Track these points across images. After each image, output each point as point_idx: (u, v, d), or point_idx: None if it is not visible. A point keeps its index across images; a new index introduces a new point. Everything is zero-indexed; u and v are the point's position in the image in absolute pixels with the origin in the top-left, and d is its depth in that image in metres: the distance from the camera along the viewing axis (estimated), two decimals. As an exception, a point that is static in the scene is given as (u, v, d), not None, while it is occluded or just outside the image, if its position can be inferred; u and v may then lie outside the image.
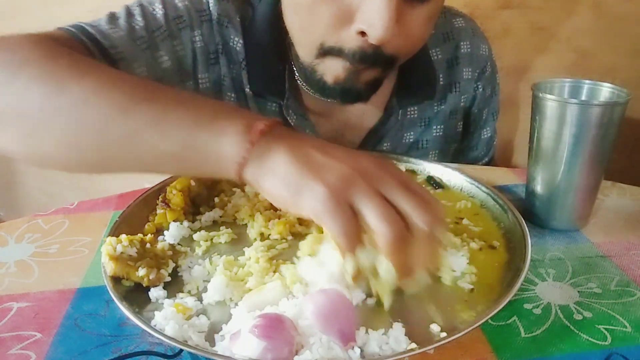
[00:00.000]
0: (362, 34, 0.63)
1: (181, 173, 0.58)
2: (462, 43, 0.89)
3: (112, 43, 0.69)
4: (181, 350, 0.46)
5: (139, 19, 0.73)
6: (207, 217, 0.64)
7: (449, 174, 0.73)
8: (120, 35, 0.70)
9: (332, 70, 0.69)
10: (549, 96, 0.62)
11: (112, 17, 0.73)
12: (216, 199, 0.66)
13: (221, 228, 0.61)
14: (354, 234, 0.45)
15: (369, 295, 0.50)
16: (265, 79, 0.80)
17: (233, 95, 0.81)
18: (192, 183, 0.65)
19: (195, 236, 0.60)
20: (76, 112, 0.52)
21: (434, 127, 0.90)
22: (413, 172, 0.75)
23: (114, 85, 0.53)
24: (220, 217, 0.64)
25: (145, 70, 0.71)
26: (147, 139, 0.50)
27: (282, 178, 0.47)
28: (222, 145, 0.48)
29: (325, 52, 0.67)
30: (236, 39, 0.78)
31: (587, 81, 0.67)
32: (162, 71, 0.73)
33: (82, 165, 0.58)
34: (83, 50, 0.66)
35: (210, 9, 0.77)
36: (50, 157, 0.56)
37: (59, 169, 0.59)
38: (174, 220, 0.62)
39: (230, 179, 0.52)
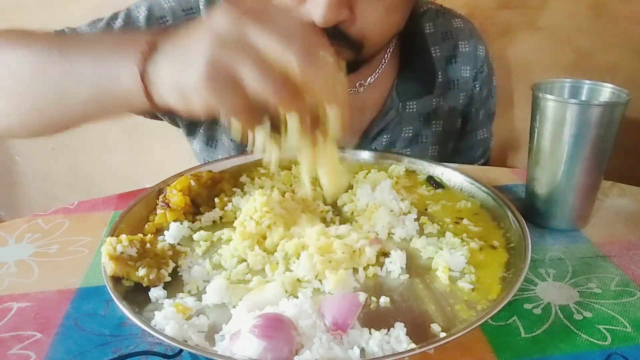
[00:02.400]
0: None
1: (112, 113, 0.59)
2: (460, 43, 0.91)
3: None
4: (181, 350, 0.46)
5: (119, 21, 0.76)
6: (207, 217, 0.64)
7: (449, 174, 0.73)
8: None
9: None
10: (549, 96, 0.62)
11: (96, 21, 0.76)
12: (216, 199, 0.66)
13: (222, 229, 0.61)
14: (241, 105, 0.45)
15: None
16: None
17: None
18: (192, 183, 0.65)
19: (195, 236, 0.60)
20: (8, 78, 0.57)
21: (434, 122, 0.91)
22: (413, 172, 0.75)
23: (32, 43, 0.57)
24: (221, 217, 0.64)
25: None
26: (66, 89, 0.54)
27: (169, 86, 0.47)
28: (122, 78, 0.50)
29: None
30: None
31: (587, 81, 0.67)
32: None
33: (27, 126, 0.62)
34: None
35: (200, 7, 0.79)
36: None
37: (14, 136, 0.65)
38: (174, 220, 0.62)
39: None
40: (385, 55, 0.86)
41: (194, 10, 0.79)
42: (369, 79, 0.86)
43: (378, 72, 0.86)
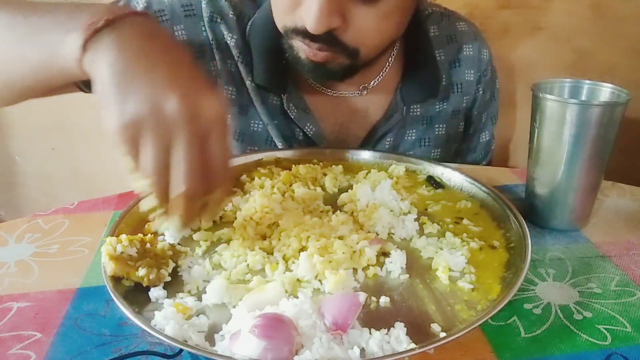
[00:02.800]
0: None
1: (55, 79, 0.58)
2: (464, 46, 0.91)
3: None
4: (181, 350, 0.46)
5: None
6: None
7: (449, 174, 0.73)
8: None
9: (300, 47, 0.72)
10: (549, 96, 0.62)
11: None
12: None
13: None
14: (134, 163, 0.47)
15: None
16: (267, 73, 0.81)
17: (232, 88, 0.83)
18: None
19: (195, 236, 0.60)
20: None
21: (437, 125, 0.91)
22: (413, 172, 0.75)
23: (8, 6, 0.58)
24: (220, 217, 0.64)
25: None
26: (26, 51, 0.55)
27: (101, 87, 0.47)
28: (66, 43, 0.50)
29: (288, 32, 0.71)
30: (230, 34, 0.80)
31: (587, 81, 0.67)
32: None
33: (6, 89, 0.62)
34: None
35: (202, 6, 0.80)
36: None
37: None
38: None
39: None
40: (389, 59, 0.86)
41: (194, 7, 0.79)
42: (373, 82, 0.85)
43: (382, 75, 0.85)
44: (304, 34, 0.69)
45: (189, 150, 0.45)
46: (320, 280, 0.52)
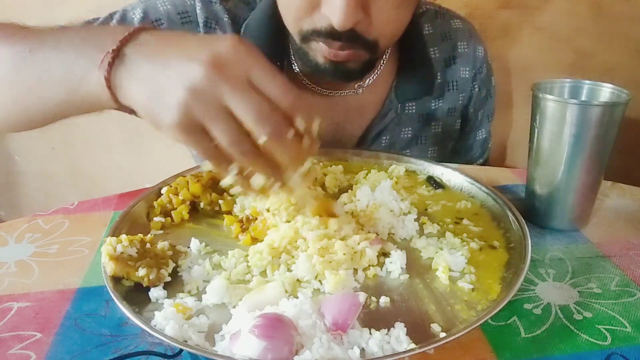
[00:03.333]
0: None
1: (84, 111, 0.58)
2: (459, 43, 0.91)
3: None
4: (181, 350, 0.46)
5: (114, 22, 0.76)
6: (207, 216, 0.64)
7: (449, 174, 0.73)
8: None
9: (319, 50, 0.72)
10: (549, 96, 0.62)
11: (91, 21, 0.77)
12: (220, 201, 0.65)
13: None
14: (213, 151, 0.47)
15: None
16: None
17: None
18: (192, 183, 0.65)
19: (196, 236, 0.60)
20: None
21: (433, 123, 0.91)
22: (413, 172, 0.75)
23: (14, 39, 0.58)
24: (220, 217, 0.64)
25: None
26: (44, 83, 0.54)
27: (140, 106, 0.48)
28: (89, 80, 0.50)
29: (306, 35, 0.71)
30: None
31: (587, 81, 0.67)
32: None
33: (7, 122, 0.62)
34: None
35: (197, 12, 0.80)
36: None
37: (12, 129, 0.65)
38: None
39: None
40: (384, 57, 0.86)
41: (190, 14, 0.79)
42: (368, 80, 0.86)
43: (376, 73, 0.86)
44: (325, 34, 0.68)
45: (244, 98, 0.45)
46: (320, 281, 0.52)
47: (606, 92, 0.65)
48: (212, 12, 0.80)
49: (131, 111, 0.51)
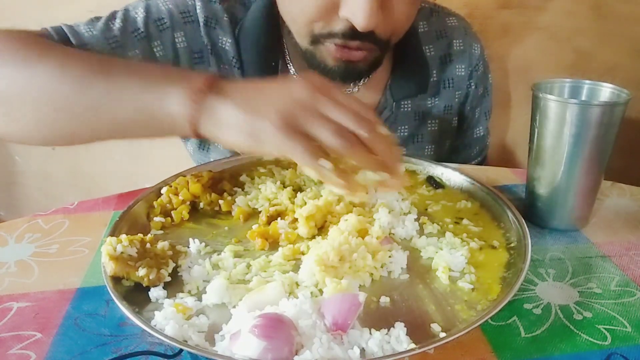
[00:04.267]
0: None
1: (147, 135, 0.62)
2: (454, 41, 0.91)
3: (81, 41, 0.72)
4: (181, 350, 0.46)
5: (117, 21, 0.76)
6: (208, 216, 0.64)
7: (449, 174, 0.73)
8: (92, 34, 0.74)
9: (330, 52, 0.72)
10: (549, 96, 0.62)
11: (94, 20, 0.77)
12: (221, 201, 0.65)
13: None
14: (313, 149, 0.50)
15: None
16: (258, 75, 0.82)
17: None
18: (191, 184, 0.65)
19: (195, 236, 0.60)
20: (43, 89, 0.59)
21: (429, 121, 0.91)
22: (413, 172, 0.75)
23: (75, 61, 0.60)
24: (221, 217, 0.64)
25: None
26: (107, 108, 0.57)
27: (235, 128, 0.52)
28: (170, 107, 0.54)
29: (317, 38, 0.71)
30: (225, 38, 0.81)
31: (587, 81, 0.67)
32: None
33: (57, 138, 0.65)
34: None
35: (197, 11, 0.80)
36: (29, 133, 0.63)
37: (40, 144, 0.66)
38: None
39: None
40: None
41: (191, 14, 0.79)
42: (363, 79, 0.86)
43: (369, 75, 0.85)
44: (342, 35, 0.68)
45: (337, 107, 0.52)
46: (320, 290, 0.51)
47: (606, 92, 0.65)
48: (212, 11, 0.80)
49: (204, 139, 0.59)
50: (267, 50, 0.81)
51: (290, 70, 0.84)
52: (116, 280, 0.51)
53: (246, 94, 0.53)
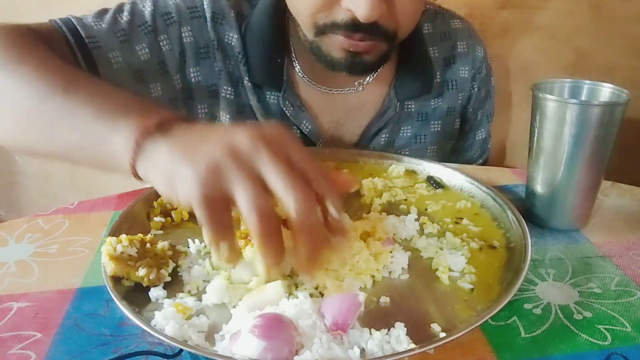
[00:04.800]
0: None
1: (87, 165, 0.57)
2: (458, 43, 0.92)
3: (89, 33, 0.72)
4: (181, 350, 0.46)
5: (125, 14, 0.76)
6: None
7: (449, 174, 0.73)
8: (100, 27, 0.73)
9: (336, 44, 0.71)
10: (549, 96, 0.62)
11: (102, 12, 0.76)
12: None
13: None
14: (220, 226, 0.43)
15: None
16: (263, 72, 0.82)
17: (230, 89, 0.83)
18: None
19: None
20: (9, 95, 0.57)
21: (432, 122, 0.91)
22: (413, 172, 0.75)
23: (43, 72, 0.57)
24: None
25: (122, 60, 0.74)
26: (58, 129, 0.54)
27: (160, 171, 0.46)
28: (113, 140, 0.49)
29: (322, 29, 0.71)
30: (231, 34, 0.81)
31: (587, 81, 0.67)
32: (141, 63, 0.76)
33: (19, 146, 0.63)
34: (62, 40, 0.71)
35: (204, 6, 0.80)
36: (2, 136, 0.61)
37: (11, 149, 0.64)
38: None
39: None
40: None
41: (198, 9, 0.80)
42: (368, 78, 0.86)
43: (377, 71, 0.86)
44: (345, 26, 0.68)
45: (278, 165, 0.42)
46: (321, 293, 0.50)
47: (606, 92, 0.65)
48: (219, 7, 0.80)
49: (140, 180, 0.50)
50: (273, 47, 0.81)
51: (296, 68, 0.84)
52: (116, 280, 0.51)
53: (188, 138, 0.47)
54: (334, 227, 0.45)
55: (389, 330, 0.45)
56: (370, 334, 0.45)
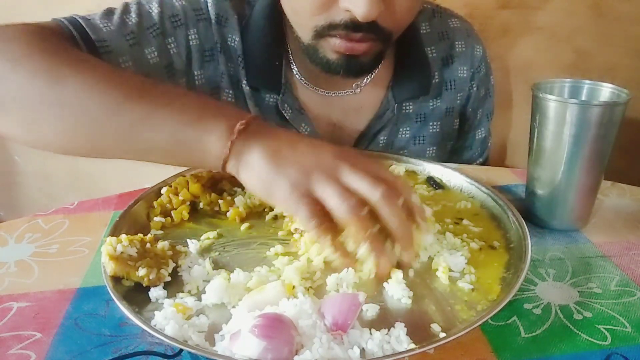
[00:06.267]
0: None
1: (171, 163, 0.62)
2: (457, 42, 0.91)
3: (100, 37, 0.71)
4: (181, 350, 0.46)
5: (133, 15, 0.75)
6: (207, 216, 0.64)
7: (449, 174, 0.73)
8: (109, 30, 0.72)
9: (332, 46, 0.71)
10: (549, 96, 0.62)
11: (108, 13, 0.75)
12: (220, 201, 0.65)
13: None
14: (317, 216, 0.50)
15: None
16: (261, 75, 0.82)
17: (230, 92, 0.83)
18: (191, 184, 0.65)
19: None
20: (74, 106, 0.57)
21: (431, 123, 0.91)
22: (413, 172, 0.75)
23: (110, 81, 0.58)
24: (221, 217, 0.64)
25: (131, 64, 0.73)
26: (140, 133, 0.56)
27: (256, 173, 0.53)
28: (207, 143, 0.55)
29: (320, 31, 0.71)
30: (233, 36, 0.81)
31: (587, 81, 0.67)
32: (150, 66, 0.75)
33: (80, 151, 0.63)
34: (71, 42, 0.69)
35: (209, 8, 0.80)
36: (50, 143, 0.62)
37: (57, 153, 0.64)
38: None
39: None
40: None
41: (203, 11, 0.79)
42: (366, 79, 0.86)
43: (374, 73, 0.86)
44: (344, 26, 0.68)
45: (360, 172, 0.51)
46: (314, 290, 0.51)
47: (606, 92, 0.65)
48: (222, 8, 0.80)
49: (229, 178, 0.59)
50: (271, 48, 0.81)
51: (293, 70, 0.84)
52: (116, 280, 0.51)
53: (277, 145, 0.54)
54: (416, 212, 0.53)
55: (389, 330, 0.45)
56: (370, 334, 0.45)
